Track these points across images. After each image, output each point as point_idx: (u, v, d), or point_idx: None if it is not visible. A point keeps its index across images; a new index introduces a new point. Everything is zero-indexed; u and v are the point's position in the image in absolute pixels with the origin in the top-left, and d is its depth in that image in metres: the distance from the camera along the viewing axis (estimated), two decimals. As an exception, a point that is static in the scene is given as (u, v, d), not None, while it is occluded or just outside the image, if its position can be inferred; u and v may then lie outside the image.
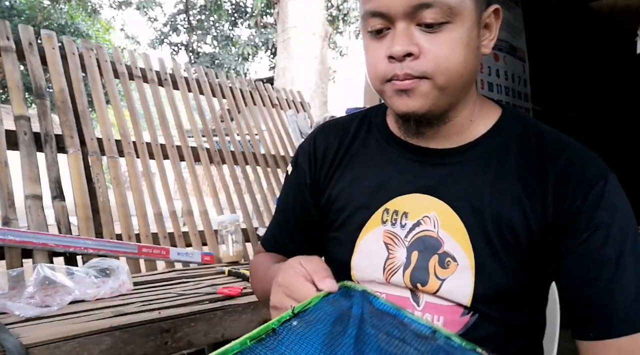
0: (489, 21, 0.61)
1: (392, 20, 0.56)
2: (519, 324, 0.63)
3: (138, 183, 2.07)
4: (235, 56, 11.77)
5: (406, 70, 0.56)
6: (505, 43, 1.88)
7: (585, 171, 0.59)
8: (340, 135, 0.73)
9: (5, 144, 1.68)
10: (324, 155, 0.73)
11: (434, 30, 0.55)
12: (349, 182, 0.70)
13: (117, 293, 1.30)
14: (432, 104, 0.58)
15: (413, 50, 0.55)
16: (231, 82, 2.85)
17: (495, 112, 0.67)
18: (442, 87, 0.57)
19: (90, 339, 0.97)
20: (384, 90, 0.60)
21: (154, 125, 2.27)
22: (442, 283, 0.60)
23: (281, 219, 0.80)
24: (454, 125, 0.64)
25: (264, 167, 2.68)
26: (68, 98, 1.94)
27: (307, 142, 0.77)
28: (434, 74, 0.56)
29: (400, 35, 0.55)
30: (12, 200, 1.62)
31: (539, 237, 0.59)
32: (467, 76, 0.58)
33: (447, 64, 0.55)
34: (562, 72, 2.49)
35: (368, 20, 0.58)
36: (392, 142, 0.69)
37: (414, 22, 0.55)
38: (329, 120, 0.79)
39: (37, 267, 1.19)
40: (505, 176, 0.61)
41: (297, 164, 0.77)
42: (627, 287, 0.55)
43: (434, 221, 0.62)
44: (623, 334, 0.54)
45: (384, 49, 0.57)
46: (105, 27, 11.72)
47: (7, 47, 1.83)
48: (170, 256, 1.89)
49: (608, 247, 0.56)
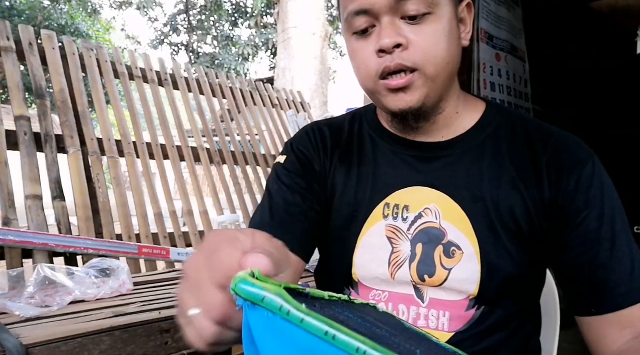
0: (463, 15, 0.63)
1: (376, 16, 0.58)
2: (520, 314, 0.64)
3: (138, 183, 2.07)
4: (235, 56, 11.77)
5: (397, 61, 0.57)
6: (506, 43, 1.88)
7: (575, 153, 0.62)
8: (334, 132, 0.73)
9: (5, 144, 1.68)
10: (323, 146, 0.72)
11: (417, 21, 0.57)
12: (347, 178, 0.69)
13: (117, 293, 1.30)
14: (426, 96, 0.60)
15: (401, 41, 0.57)
16: (231, 82, 2.85)
17: (480, 105, 0.69)
18: (432, 77, 0.59)
19: (90, 339, 0.97)
20: (377, 89, 0.61)
21: (154, 125, 2.27)
22: (449, 272, 0.61)
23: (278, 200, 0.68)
24: (444, 118, 0.66)
25: (264, 167, 2.68)
26: (68, 98, 1.94)
27: (304, 133, 0.74)
28: (423, 64, 0.57)
29: (386, 28, 0.57)
30: (12, 200, 1.62)
31: (538, 220, 0.61)
32: (452, 65, 0.61)
33: (433, 53, 0.58)
34: (562, 72, 2.49)
35: (352, 21, 0.59)
36: (387, 138, 0.70)
37: (398, 16, 0.57)
38: (317, 120, 0.78)
39: (37, 267, 1.19)
40: (500, 164, 0.63)
41: (295, 150, 0.71)
42: (624, 262, 0.58)
43: (435, 212, 0.63)
44: (625, 306, 0.57)
45: (371, 46, 0.59)
46: (105, 27, 11.72)
47: (7, 47, 1.83)
48: (170, 256, 1.89)
49: (604, 225, 0.59)
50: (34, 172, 1.69)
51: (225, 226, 2.05)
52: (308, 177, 0.70)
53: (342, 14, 0.62)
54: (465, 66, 1.71)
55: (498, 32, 1.83)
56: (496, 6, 1.81)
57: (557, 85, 2.47)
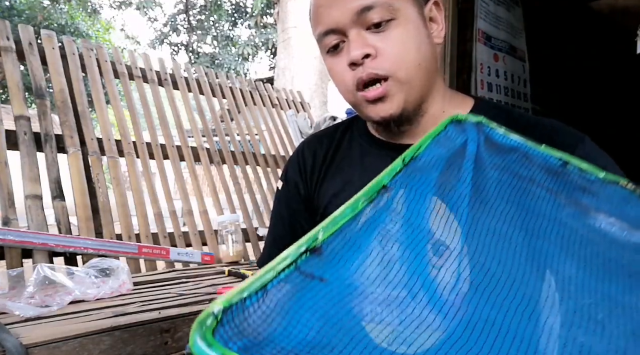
0: (432, 15, 0.64)
1: (344, 32, 0.59)
2: None
3: (138, 183, 2.07)
4: (235, 56, 11.77)
5: (368, 71, 0.58)
6: (505, 43, 1.88)
7: (564, 137, 0.62)
8: (326, 144, 0.75)
9: (5, 144, 1.68)
10: (313, 164, 0.75)
11: (382, 29, 0.58)
12: (340, 187, 0.71)
13: (117, 293, 1.30)
14: (404, 101, 0.60)
15: (369, 51, 0.58)
16: (231, 82, 2.85)
17: (468, 102, 0.70)
18: (406, 81, 0.59)
19: (90, 339, 0.97)
20: (357, 101, 0.62)
21: (154, 125, 2.27)
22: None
23: (277, 235, 0.78)
24: (430, 118, 0.66)
25: (264, 167, 2.68)
26: (68, 98, 1.94)
27: (295, 155, 0.79)
28: (394, 70, 0.58)
29: (354, 41, 0.58)
30: (12, 200, 1.62)
31: None
32: (425, 65, 0.61)
33: (402, 58, 0.58)
34: (562, 72, 2.49)
35: (323, 40, 0.61)
36: (374, 144, 0.71)
37: (364, 27, 0.58)
38: (313, 133, 0.81)
39: (37, 267, 1.19)
40: None
41: (288, 177, 0.78)
42: None
43: None
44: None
45: (344, 60, 0.60)
46: (105, 27, 11.71)
47: (7, 47, 1.83)
48: (170, 256, 1.89)
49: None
50: (34, 172, 1.69)
51: (226, 226, 2.05)
52: (298, 203, 0.76)
53: (315, 36, 0.63)
54: (466, 67, 1.71)
55: (497, 32, 1.83)
56: (495, 6, 1.81)
57: (557, 85, 2.47)
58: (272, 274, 0.27)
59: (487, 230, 0.37)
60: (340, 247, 0.32)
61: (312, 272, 0.29)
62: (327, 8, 0.59)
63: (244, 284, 0.26)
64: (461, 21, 1.73)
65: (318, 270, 0.30)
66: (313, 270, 0.30)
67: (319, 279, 0.30)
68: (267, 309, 0.26)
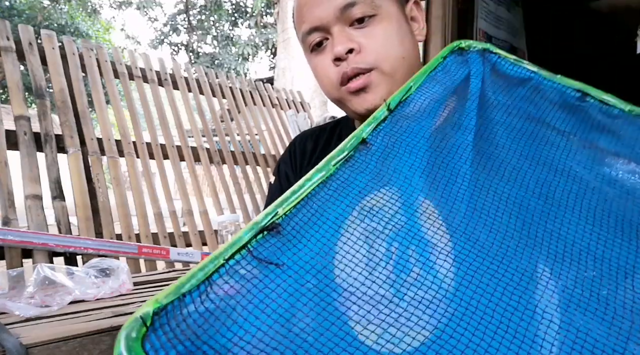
0: (413, 14, 0.65)
1: (327, 29, 0.60)
2: None
3: (138, 183, 2.07)
4: (235, 56, 11.77)
5: (352, 65, 0.59)
6: (505, 43, 1.88)
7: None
8: (316, 139, 0.76)
9: (5, 144, 1.68)
10: (302, 157, 0.76)
11: (365, 24, 0.59)
12: None
13: (117, 293, 1.29)
14: (388, 93, 0.60)
15: (353, 46, 0.58)
16: (231, 82, 2.85)
17: None
18: (390, 73, 0.60)
19: (90, 339, 0.97)
20: (341, 96, 0.62)
21: (154, 125, 2.28)
22: None
23: None
24: None
25: (264, 167, 2.68)
26: (68, 98, 1.94)
27: (287, 149, 0.80)
28: (378, 63, 0.59)
29: (337, 37, 0.59)
30: (12, 200, 1.62)
31: None
32: (409, 58, 0.61)
33: (386, 51, 0.59)
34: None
35: (307, 39, 0.62)
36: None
37: (347, 24, 0.59)
38: (304, 130, 0.82)
39: (37, 267, 1.19)
40: None
41: (280, 171, 0.79)
42: None
43: None
44: None
45: (328, 57, 0.61)
46: (105, 27, 11.71)
47: (7, 47, 1.83)
48: (170, 256, 1.89)
49: None
50: (34, 172, 1.69)
51: (226, 226, 2.05)
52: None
53: (298, 36, 0.64)
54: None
55: (497, 32, 1.83)
56: (495, 6, 1.81)
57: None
58: (218, 262, 0.23)
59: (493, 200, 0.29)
60: (304, 223, 0.26)
61: (267, 257, 0.24)
62: (310, 7, 0.60)
63: (184, 278, 0.22)
64: (461, 21, 1.73)
65: (276, 254, 0.24)
66: (269, 253, 0.24)
67: (276, 265, 0.24)
68: (212, 305, 0.22)
